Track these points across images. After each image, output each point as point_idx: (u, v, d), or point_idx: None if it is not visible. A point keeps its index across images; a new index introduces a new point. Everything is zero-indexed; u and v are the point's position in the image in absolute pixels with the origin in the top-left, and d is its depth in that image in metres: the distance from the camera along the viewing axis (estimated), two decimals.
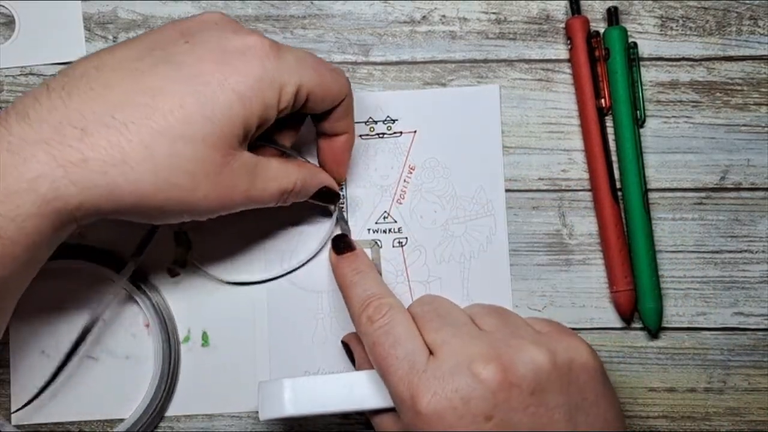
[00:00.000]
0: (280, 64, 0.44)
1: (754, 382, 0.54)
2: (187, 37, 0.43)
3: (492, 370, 0.42)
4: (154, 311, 0.53)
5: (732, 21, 0.55)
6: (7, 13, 0.55)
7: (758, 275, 0.54)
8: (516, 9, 0.55)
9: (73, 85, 0.41)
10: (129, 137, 0.40)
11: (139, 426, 0.52)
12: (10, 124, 0.40)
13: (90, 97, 0.40)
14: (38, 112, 0.40)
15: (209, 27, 0.44)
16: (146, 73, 0.42)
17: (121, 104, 0.40)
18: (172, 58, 0.42)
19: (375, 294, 0.48)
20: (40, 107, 0.40)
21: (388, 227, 0.54)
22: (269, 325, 0.54)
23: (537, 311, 0.54)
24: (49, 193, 0.39)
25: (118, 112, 0.40)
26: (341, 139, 0.50)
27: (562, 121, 0.55)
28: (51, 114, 0.40)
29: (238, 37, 0.44)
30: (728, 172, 0.54)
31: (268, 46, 0.44)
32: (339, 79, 0.47)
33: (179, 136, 0.41)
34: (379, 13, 0.55)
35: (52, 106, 0.40)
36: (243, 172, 0.44)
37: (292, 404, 0.47)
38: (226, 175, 0.43)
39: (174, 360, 0.53)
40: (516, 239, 0.54)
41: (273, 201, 0.47)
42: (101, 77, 0.41)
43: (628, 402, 0.54)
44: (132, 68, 0.42)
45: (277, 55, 0.44)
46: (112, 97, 0.41)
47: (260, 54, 0.43)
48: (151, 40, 0.44)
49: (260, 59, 0.43)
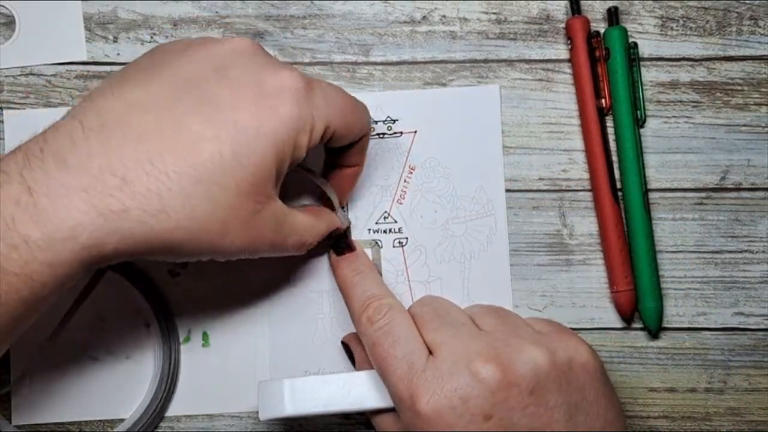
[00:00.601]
0: (311, 104, 0.43)
1: (755, 383, 0.54)
2: (222, 73, 0.42)
3: (491, 370, 0.42)
4: (155, 311, 0.53)
5: (732, 21, 0.55)
6: (7, 13, 0.55)
7: (758, 275, 0.54)
8: (516, 9, 0.55)
9: (110, 127, 0.40)
10: (169, 185, 0.39)
11: (139, 426, 0.52)
12: (47, 167, 0.39)
13: (128, 141, 0.40)
14: (77, 157, 0.39)
15: (242, 60, 0.43)
16: (184, 117, 0.41)
17: (161, 151, 0.40)
18: (210, 99, 0.41)
19: (375, 294, 0.48)
20: (78, 151, 0.39)
21: (388, 227, 0.54)
22: (269, 325, 0.54)
23: (537, 311, 0.54)
24: (88, 242, 0.38)
25: (157, 159, 0.39)
26: (351, 170, 0.51)
27: (563, 121, 0.55)
28: (90, 160, 0.39)
29: (273, 74, 0.43)
30: (728, 172, 0.54)
31: (301, 85, 0.43)
32: (362, 119, 0.47)
33: (215, 183, 0.40)
34: (380, 13, 0.55)
35: (91, 151, 0.39)
36: (272, 221, 0.44)
37: (292, 404, 0.47)
38: (256, 223, 0.43)
39: (174, 360, 0.53)
40: (516, 239, 0.54)
41: (292, 251, 0.47)
42: (139, 120, 0.40)
43: (629, 402, 0.54)
44: (170, 109, 0.41)
45: (308, 95, 0.43)
46: (151, 144, 0.40)
47: (294, 96, 0.42)
48: (186, 74, 0.42)
49: (295, 101, 0.42)
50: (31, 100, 0.55)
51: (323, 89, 0.45)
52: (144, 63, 0.44)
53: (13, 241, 0.37)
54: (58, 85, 0.55)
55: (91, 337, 0.53)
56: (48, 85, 0.55)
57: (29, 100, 0.55)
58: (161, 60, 0.43)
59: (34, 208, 0.38)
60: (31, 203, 0.38)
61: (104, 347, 0.53)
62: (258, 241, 0.44)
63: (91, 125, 0.40)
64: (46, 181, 0.38)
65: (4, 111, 0.54)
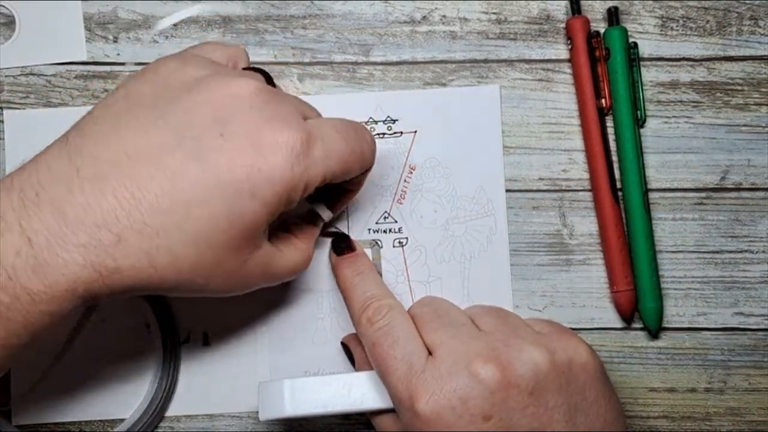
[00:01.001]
0: (308, 164, 0.42)
1: (755, 383, 0.54)
2: (221, 127, 0.41)
3: (490, 370, 0.42)
4: (155, 311, 0.53)
5: (732, 21, 0.55)
6: (7, 13, 0.55)
7: (758, 275, 0.54)
8: (516, 9, 0.55)
9: (105, 178, 0.40)
10: (158, 243, 0.40)
11: (139, 426, 0.52)
12: (45, 218, 0.39)
13: (124, 197, 0.40)
14: (74, 209, 0.39)
15: (243, 110, 0.42)
16: (178, 174, 0.40)
17: (154, 210, 0.40)
18: (205, 154, 0.41)
19: (375, 295, 0.48)
20: (75, 203, 0.39)
21: (388, 227, 0.54)
22: (269, 325, 0.54)
23: (537, 311, 0.54)
24: (85, 293, 0.40)
25: (150, 218, 0.40)
26: (347, 193, 0.51)
27: (563, 121, 0.55)
28: (87, 214, 0.39)
29: (272, 132, 0.42)
30: (728, 173, 0.54)
31: (299, 145, 0.42)
32: (364, 160, 0.47)
33: (204, 243, 0.41)
34: (380, 13, 0.55)
35: (87, 204, 0.39)
36: (259, 267, 0.45)
37: (292, 405, 0.47)
38: (243, 272, 0.44)
39: (174, 360, 0.53)
40: (516, 239, 0.54)
41: (286, 280, 0.48)
42: (134, 172, 0.40)
43: (629, 402, 0.54)
44: (165, 164, 0.40)
45: (306, 155, 0.42)
46: (146, 200, 0.40)
47: (291, 156, 0.42)
48: (184, 122, 0.41)
49: (290, 163, 0.42)
50: (31, 100, 0.55)
51: (325, 143, 0.44)
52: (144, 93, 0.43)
53: (16, 293, 0.38)
54: (58, 85, 0.55)
55: (91, 337, 0.53)
56: (48, 85, 0.55)
57: (29, 100, 0.55)
58: (162, 94, 0.43)
59: (34, 260, 0.38)
60: (32, 255, 0.38)
61: (104, 347, 0.53)
62: (244, 285, 0.45)
63: (86, 173, 0.40)
64: (45, 233, 0.39)
65: (4, 111, 0.54)
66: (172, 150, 0.41)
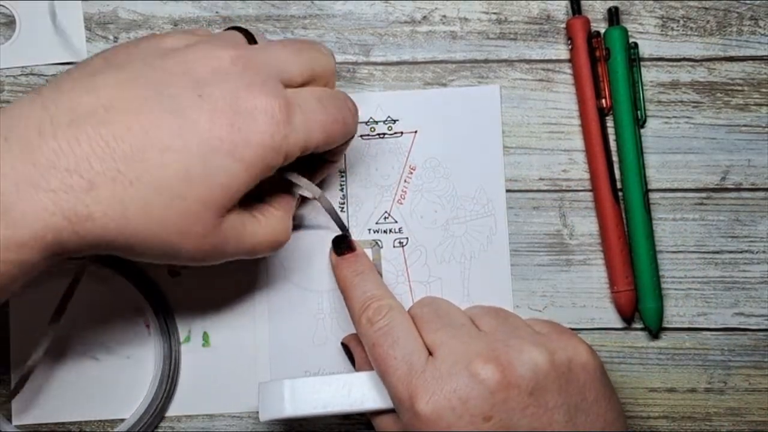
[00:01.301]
0: (288, 131, 0.43)
1: (755, 383, 0.54)
2: (199, 89, 0.42)
3: (490, 370, 0.42)
4: (155, 311, 0.53)
5: (733, 21, 0.55)
6: (8, 13, 0.55)
7: (759, 275, 0.54)
8: (517, 9, 0.55)
9: (80, 126, 0.40)
10: (132, 193, 0.40)
11: (139, 426, 0.52)
12: (14, 161, 0.38)
13: (98, 144, 0.39)
14: (45, 155, 0.39)
15: (221, 78, 0.42)
16: (155, 127, 0.40)
17: (129, 158, 0.40)
18: (184, 113, 0.41)
19: (375, 295, 0.48)
20: (47, 148, 0.39)
21: (388, 227, 0.54)
22: (269, 325, 0.54)
23: (538, 311, 0.54)
24: (53, 242, 0.39)
25: (124, 165, 0.40)
26: (326, 164, 0.50)
27: (563, 121, 0.55)
28: (59, 159, 0.39)
29: (251, 96, 0.42)
30: (729, 173, 0.54)
31: (279, 111, 0.42)
32: (346, 129, 0.47)
33: (178, 196, 0.41)
34: (380, 13, 0.55)
35: (60, 150, 0.39)
36: (231, 233, 0.44)
37: (292, 405, 0.47)
38: (215, 236, 0.43)
39: (174, 360, 0.53)
40: (516, 239, 0.54)
41: (266, 254, 0.48)
42: (110, 121, 0.40)
43: (629, 402, 0.54)
44: (142, 116, 0.40)
45: (286, 122, 0.42)
46: (120, 149, 0.40)
47: (270, 121, 0.42)
48: (163, 82, 0.42)
49: (269, 127, 0.42)
50: None
51: (305, 112, 0.44)
52: (121, 57, 0.44)
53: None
54: None
55: (91, 337, 0.53)
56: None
57: None
58: (139, 58, 0.43)
59: (0, 205, 0.38)
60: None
61: (104, 347, 0.53)
62: (218, 252, 0.44)
63: (60, 121, 0.40)
64: (14, 175, 0.38)
65: None
66: (149, 103, 0.41)
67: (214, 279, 0.54)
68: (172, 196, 0.40)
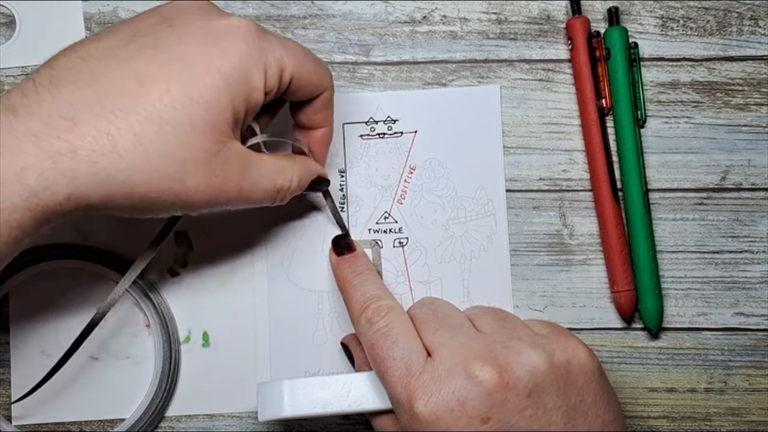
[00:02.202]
0: (265, 45, 0.43)
1: (755, 383, 0.54)
2: (168, 22, 0.43)
3: (489, 372, 0.42)
4: (155, 311, 0.53)
5: (732, 21, 0.55)
6: (8, 13, 0.55)
7: (759, 275, 0.54)
8: (517, 9, 0.55)
9: (60, 77, 0.40)
10: (118, 125, 0.39)
11: (139, 426, 0.52)
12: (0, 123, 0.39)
13: (78, 87, 0.40)
14: (26, 107, 0.39)
15: (192, 11, 0.44)
16: (131, 59, 0.41)
17: (109, 92, 0.40)
18: (156, 42, 0.42)
19: (374, 296, 0.48)
20: (29, 101, 0.39)
21: (388, 227, 0.54)
22: (269, 325, 0.54)
23: (538, 311, 0.54)
24: (38, 185, 0.38)
25: (106, 100, 0.40)
26: (319, 132, 0.50)
27: (563, 121, 0.55)
28: (40, 107, 0.39)
29: (222, 18, 0.43)
30: (729, 173, 0.54)
31: (253, 27, 0.43)
32: (322, 70, 0.47)
33: (167, 122, 0.40)
34: (380, 13, 0.55)
35: (40, 100, 0.39)
36: (234, 163, 0.43)
37: (291, 406, 0.47)
38: (217, 165, 0.42)
39: (174, 360, 0.53)
40: (516, 239, 0.54)
41: (269, 199, 0.47)
42: (87, 67, 0.41)
43: (629, 402, 0.54)
44: (117, 56, 0.41)
45: (262, 36, 0.44)
46: (99, 86, 0.40)
47: (245, 34, 0.43)
48: (134, 27, 0.43)
49: (244, 39, 0.43)
50: None
51: (278, 38, 0.45)
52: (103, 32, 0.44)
53: None
54: None
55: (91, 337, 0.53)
56: None
57: None
58: (119, 25, 0.44)
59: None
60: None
61: (104, 347, 0.54)
62: (224, 184, 0.43)
63: (42, 79, 0.40)
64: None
65: None
66: (124, 45, 0.42)
67: (214, 279, 0.54)
68: (161, 123, 0.40)
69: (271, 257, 0.54)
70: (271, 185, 0.46)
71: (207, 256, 0.54)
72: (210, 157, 0.42)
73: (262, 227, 0.54)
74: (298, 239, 0.54)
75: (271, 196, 0.47)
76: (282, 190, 0.47)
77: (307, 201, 0.54)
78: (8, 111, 0.39)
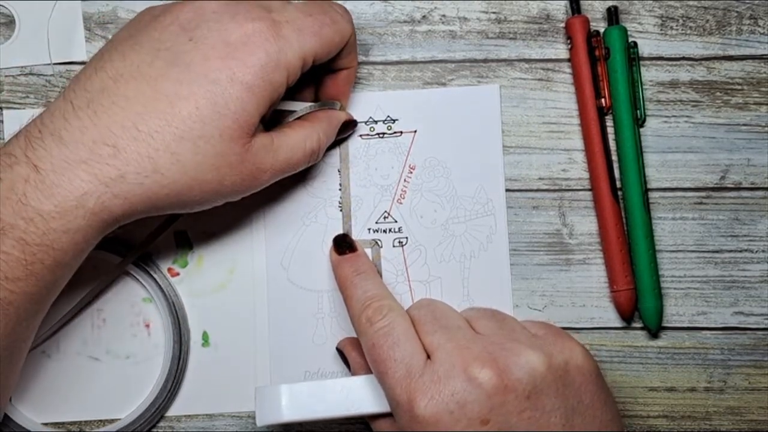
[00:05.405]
0: (282, 44, 0.45)
1: (755, 382, 0.54)
2: (189, 33, 0.45)
3: (488, 374, 0.42)
4: (169, 311, 0.53)
5: (732, 20, 0.55)
6: (7, 13, 0.55)
7: (758, 275, 0.54)
8: (516, 8, 0.55)
9: (96, 101, 0.44)
10: (156, 146, 0.43)
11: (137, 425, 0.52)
12: (48, 146, 0.42)
13: (114, 112, 0.43)
14: (71, 133, 0.43)
15: (208, 18, 0.46)
16: (159, 79, 0.44)
17: (143, 115, 0.43)
18: (180, 58, 0.44)
19: (375, 295, 0.48)
20: (72, 128, 0.43)
21: (388, 227, 0.54)
22: (269, 325, 0.54)
23: (537, 311, 0.54)
24: (96, 207, 0.43)
25: (141, 123, 0.43)
26: (344, 73, 0.52)
27: (563, 120, 0.55)
28: (83, 134, 0.43)
29: (238, 26, 0.45)
30: (728, 172, 0.54)
31: (267, 30, 0.45)
32: (341, 29, 0.48)
33: (199, 137, 0.44)
34: (379, 13, 0.55)
35: (83, 126, 0.43)
36: (263, 152, 0.46)
37: (289, 410, 0.47)
38: (249, 161, 0.46)
39: (183, 359, 0.53)
40: (516, 239, 0.54)
41: (304, 163, 0.50)
42: (120, 89, 0.44)
43: (629, 402, 0.54)
44: (146, 75, 0.44)
45: (277, 36, 0.45)
46: (133, 110, 0.43)
47: (261, 41, 0.45)
48: (156, 38, 0.45)
49: (262, 46, 0.45)
50: (30, 100, 0.55)
51: (292, 23, 0.46)
52: (121, 37, 0.47)
53: (29, 215, 0.41)
54: (58, 85, 0.55)
55: (91, 337, 0.53)
56: (48, 85, 0.55)
57: (29, 100, 0.55)
58: (135, 31, 0.46)
59: (42, 184, 0.42)
60: (40, 180, 0.42)
61: (104, 347, 0.54)
62: (259, 173, 0.47)
63: (80, 103, 0.44)
64: (50, 158, 0.42)
65: (4, 111, 0.55)
66: (150, 63, 0.45)
67: (214, 279, 0.54)
68: (193, 138, 0.43)
69: (270, 257, 0.54)
70: (301, 153, 0.49)
71: (207, 256, 0.54)
72: (241, 158, 0.45)
73: (263, 227, 0.54)
74: (298, 239, 0.54)
75: (306, 160, 0.50)
76: (314, 152, 0.50)
77: (307, 200, 0.54)
78: (57, 140, 0.43)
